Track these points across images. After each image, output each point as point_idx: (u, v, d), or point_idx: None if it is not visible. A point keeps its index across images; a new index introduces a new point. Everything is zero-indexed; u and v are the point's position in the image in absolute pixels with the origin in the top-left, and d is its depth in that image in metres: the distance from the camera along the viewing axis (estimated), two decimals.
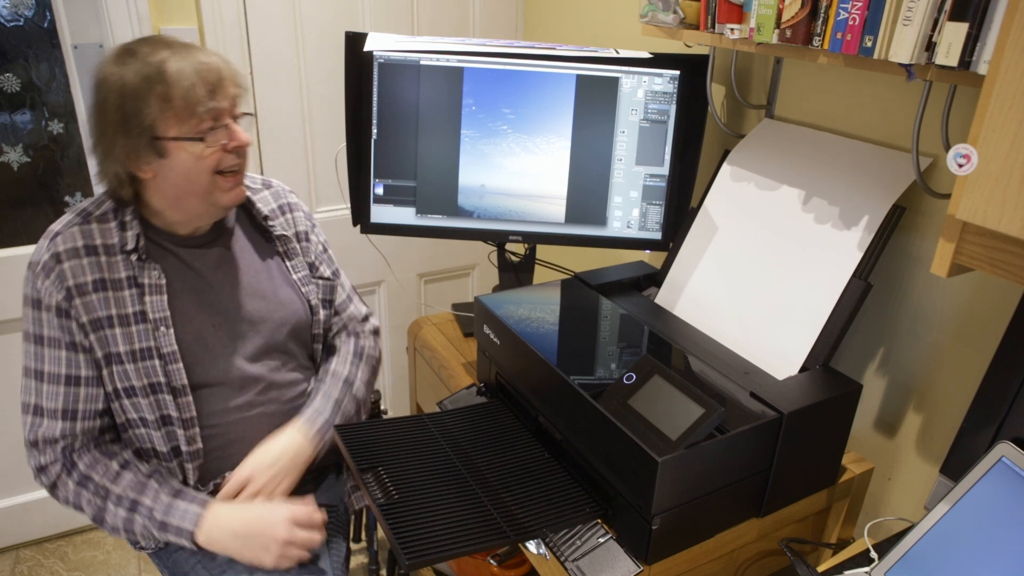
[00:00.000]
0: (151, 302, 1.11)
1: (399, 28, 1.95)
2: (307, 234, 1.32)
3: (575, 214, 1.48)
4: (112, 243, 1.09)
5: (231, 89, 1.07)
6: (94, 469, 1.10)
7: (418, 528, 0.99)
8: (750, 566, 1.13)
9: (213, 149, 1.06)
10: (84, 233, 1.08)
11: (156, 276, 1.11)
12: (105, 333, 1.09)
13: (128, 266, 1.10)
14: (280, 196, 1.30)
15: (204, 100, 1.02)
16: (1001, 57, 0.69)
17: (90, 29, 1.70)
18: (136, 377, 1.10)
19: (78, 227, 1.09)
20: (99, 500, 1.09)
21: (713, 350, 1.17)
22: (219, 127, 1.06)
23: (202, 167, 1.06)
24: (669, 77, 1.39)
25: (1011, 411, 0.94)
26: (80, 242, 1.08)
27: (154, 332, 1.10)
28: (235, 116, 1.09)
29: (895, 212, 1.10)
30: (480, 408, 1.29)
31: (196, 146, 1.04)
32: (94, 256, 1.08)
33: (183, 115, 1.02)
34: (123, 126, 1.01)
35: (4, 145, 1.77)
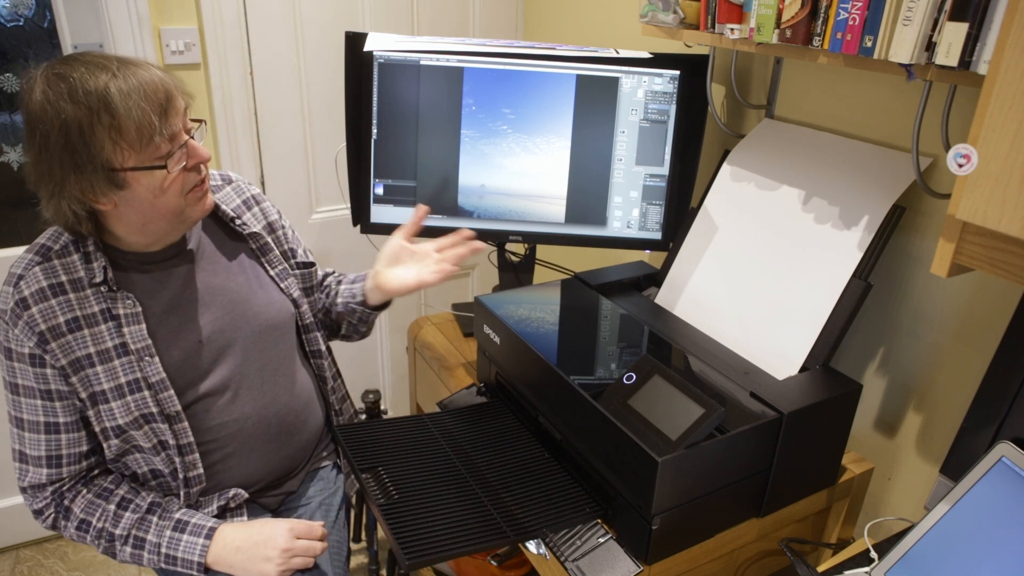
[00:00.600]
0: (130, 332, 1.05)
1: (399, 28, 1.95)
2: (278, 222, 1.26)
3: (575, 214, 1.48)
4: (78, 277, 1.03)
5: (180, 102, 1.00)
6: (91, 514, 1.08)
7: (418, 528, 0.99)
8: (750, 566, 1.13)
9: (175, 174, 0.99)
10: (47, 271, 1.02)
11: (131, 305, 1.05)
12: (87, 373, 1.04)
13: (100, 299, 1.04)
14: (242, 191, 1.23)
15: (158, 125, 0.95)
16: (1001, 57, 0.69)
17: (90, 29, 1.70)
18: (125, 413, 1.06)
19: (39, 266, 1.02)
20: (105, 542, 1.08)
21: (713, 350, 1.17)
22: (177, 149, 0.99)
23: (169, 192, 1.00)
24: (669, 77, 1.39)
25: (1011, 411, 0.95)
26: (44, 282, 1.02)
27: (139, 363, 1.05)
28: (188, 130, 1.02)
29: (895, 212, 1.10)
30: (480, 408, 1.29)
31: (158, 173, 0.98)
32: (63, 295, 1.02)
33: (138, 145, 0.94)
34: (72, 162, 0.94)
35: (4, 145, 1.77)
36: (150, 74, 0.96)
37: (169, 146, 0.98)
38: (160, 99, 0.95)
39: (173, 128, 0.98)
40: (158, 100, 0.95)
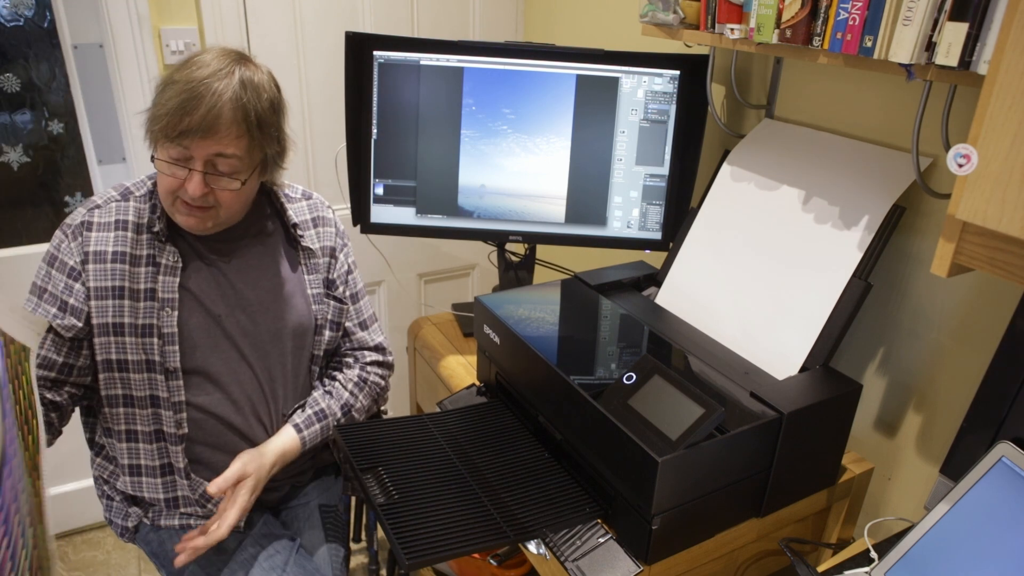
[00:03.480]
0: (163, 282, 1.14)
1: (399, 28, 1.95)
2: (334, 251, 1.31)
3: (575, 214, 1.48)
4: (143, 222, 1.15)
5: (212, 146, 1.05)
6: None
7: (418, 528, 0.99)
8: (750, 566, 1.13)
9: (164, 174, 1.08)
10: (120, 209, 1.15)
11: (174, 259, 1.15)
12: (110, 303, 1.12)
13: (152, 245, 1.14)
14: (316, 209, 1.30)
15: (170, 133, 1.04)
16: (1001, 57, 0.69)
17: (90, 29, 1.70)
18: (133, 351, 1.13)
19: (116, 203, 1.16)
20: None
21: (713, 350, 1.17)
22: (179, 162, 1.06)
23: (160, 180, 1.11)
24: (669, 77, 1.39)
25: (1011, 411, 0.94)
26: (114, 217, 1.14)
27: (159, 311, 1.14)
28: (214, 165, 1.07)
29: (895, 212, 1.10)
30: (480, 408, 1.29)
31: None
32: (123, 231, 1.14)
33: (158, 124, 1.05)
34: (150, 108, 1.09)
35: (4, 145, 1.77)
36: (217, 100, 1.03)
37: (177, 150, 1.06)
38: (191, 121, 1.02)
39: (186, 147, 1.05)
40: (187, 120, 1.03)
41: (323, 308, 1.28)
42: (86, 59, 1.72)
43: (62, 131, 1.81)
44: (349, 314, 1.33)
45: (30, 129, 1.78)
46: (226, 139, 1.05)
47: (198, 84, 1.03)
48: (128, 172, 1.82)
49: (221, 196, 1.10)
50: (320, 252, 1.29)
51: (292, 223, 1.25)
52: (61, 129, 1.81)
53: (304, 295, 1.26)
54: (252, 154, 1.10)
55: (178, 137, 1.03)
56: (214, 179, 1.08)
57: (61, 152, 1.84)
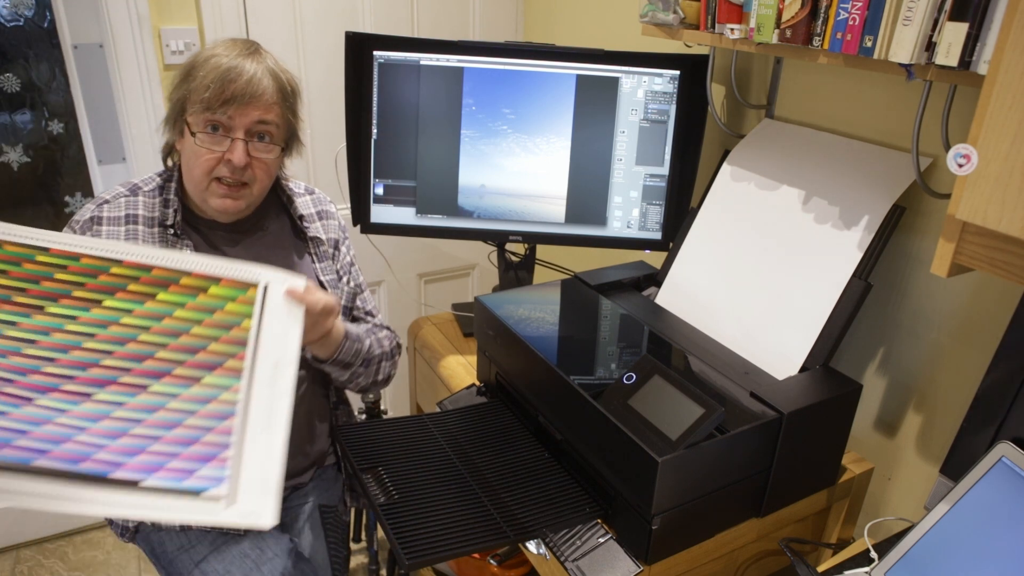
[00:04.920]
0: None
1: (399, 28, 1.95)
2: (338, 243, 1.32)
3: (575, 214, 1.48)
4: (152, 216, 1.16)
5: (254, 112, 1.09)
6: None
7: (418, 528, 0.99)
8: (750, 566, 1.13)
9: (203, 148, 1.09)
10: (129, 204, 1.16)
11: (185, 252, 1.14)
12: None
13: (163, 240, 1.16)
14: (320, 203, 1.32)
15: (211, 102, 1.06)
16: (1001, 57, 0.69)
17: (90, 29, 1.70)
18: None
19: (125, 199, 1.17)
20: None
21: (713, 350, 1.17)
22: (219, 135, 1.09)
23: (196, 162, 1.11)
24: (669, 77, 1.39)
25: (1011, 411, 0.94)
26: (123, 212, 1.16)
27: None
28: (256, 133, 1.12)
29: (895, 212, 1.10)
30: (480, 408, 1.29)
31: (191, 139, 1.09)
32: (132, 224, 1.15)
33: (196, 106, 1.08)
34: (173, 94, 1.12)
35: (4, 145, 1.77)
36: (254, 70, 1.08)
37: (212, 127, 1.09)
38: (235, 87, 1.07)
39: (227, 115, 1.08)
40: (231, 87, 1.06)
41: (337, 293, 1.29)
42: (86, 59, 1.72)
43: (62, 131, 1.82)
44: (358, 303, 1.34)
45: (30, 129, 1.78)
46: (267, 104, 1.11)
47: (233, 59, 1.08)
48: (128, 172, 1.82)
49: (258, 169, 1.13)
50: (327, 243, 1.30)
51: (299, 215, 1.26)
52: (61, 129, 1.81)
53: (318, 282, 1.27)
54: (286, 123, 1.16)
55: (223, 106, 1.07)
56: (253, 148, 1.12)
57: (61, 152, 1.84)
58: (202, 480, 0.81)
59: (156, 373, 0.86)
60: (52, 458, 0.79)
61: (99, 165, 1.82)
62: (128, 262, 0.90)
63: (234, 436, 0.84)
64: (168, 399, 0.84)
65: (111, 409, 0.83)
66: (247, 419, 0.85)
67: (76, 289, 0.87)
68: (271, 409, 0.86)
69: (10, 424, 0.79)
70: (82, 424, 0.81)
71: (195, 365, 0.87)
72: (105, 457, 0.80)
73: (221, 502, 0.80)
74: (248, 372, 0.88)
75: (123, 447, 0.81)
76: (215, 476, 0.81)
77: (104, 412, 0.82)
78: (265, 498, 0.81)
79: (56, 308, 0.86)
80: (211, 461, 0.82)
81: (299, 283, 0.96)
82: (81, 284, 0.87)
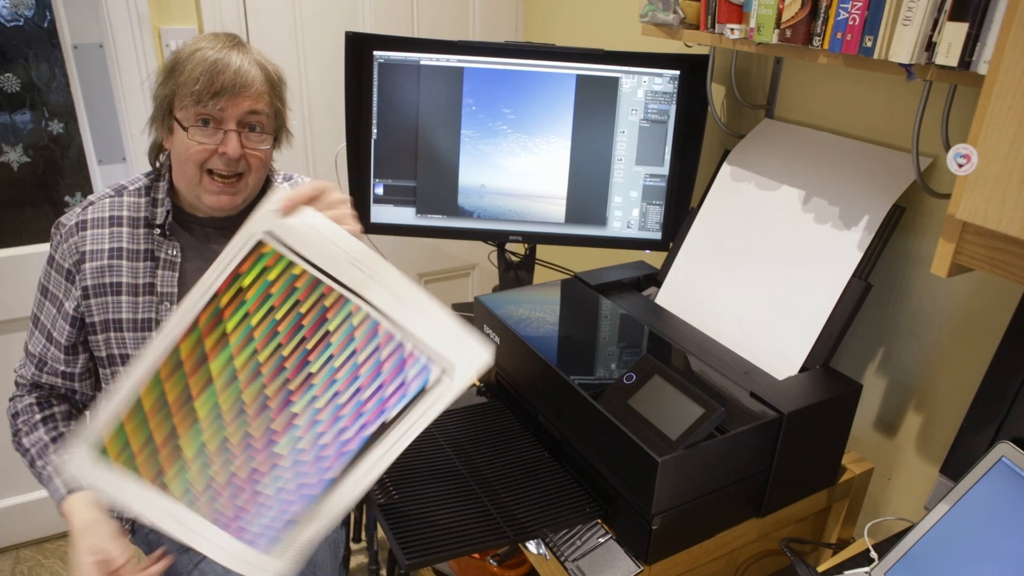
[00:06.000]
0: (162, 276, 1.15)
1: (399, 28, 1.95)
2: None
3: (575, 214, 1.48)
4: (139, 216, 1.15)
5: (245, 103, 1.08)
6: (20, 414, 1.16)
7: (418, 528, 0.99)
8: (750, 566, 1.13)
9: (195, 143, 1.08)
10: (114, 205, 1.15)
11: (173, 253, 1.15)
12: (109, 299, 1.13)
13: (149, 240, 1.15)
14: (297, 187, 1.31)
15: (201, 95, 1.06)
16: (1001, 57, 0.69)
17: (90, 29, 1.70)
18: (133, 346, 1.15)
19: (110, 199, 1.16)
20: (15, 444, 1.16)
21: (713, 350, 1.17)
22: (211, 129, 1.08)
23: (188, 156, 1.10)
24: (669, 77, 1.39)
25: (1011, 411, 0.94)
26: (108, 213, 1.15)
27: (158, 305, 1.14)
28: (246, 124, 1.11)
29: (895, 212, 1.10)
30: (480, 408, 1.29)
31: (183, 134, 1.09)
32: (118, 226, 1.14)
33: (185, 101, 1.07)
34: (157, 92, 1.11)
35: (4, 145, 1.77)
36: (240, 61, 1.08)
37: (202, 120, 1.08)
38: (223, 79, 1.06)
39: (218, 107, 1.07)
40: (220, 79, 1.06)
41: None
42: (86, 59, 1.72)
43: (62, 131, 1.81)
44: None
45: (30, 129, 1.78)
46: (256, 94, 1.10)
47: (218, 51, 1.08)
48: (128, 172, 1.82)
49: (252, 159, 1.13)
50: None
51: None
52: (61, 129, 1.81)
53: None
54: (276, 112, 1.15)
55: (213, 98, 1.06)
56: (246, 139, 1.12)
57: (61, 152, 1.84)
58: (422, 373, 0.82)
59: (305, 378, 0.86)
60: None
61: (99, 165, 1.82)
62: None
63: (397, 333, 0.83)
64: (332, 370, 0.85)
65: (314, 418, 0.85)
66: (390, 316, 0.84)
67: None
68: (397, 289, 0.83)
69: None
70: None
71: (312, 332, 0.85)
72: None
73: (444, 376, 0.82)
74: (346, 290, 0.84)
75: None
76: (422, 371, 0.83)
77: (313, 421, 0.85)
78: (468, 346, 0.82)
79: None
80: (406, 362, 0.83)
81: (278, 199, 0.90)
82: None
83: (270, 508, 0.84)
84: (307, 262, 0.86)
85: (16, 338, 1.85)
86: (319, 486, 0.83)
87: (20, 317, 1.78)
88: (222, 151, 1.09)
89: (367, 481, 0.81)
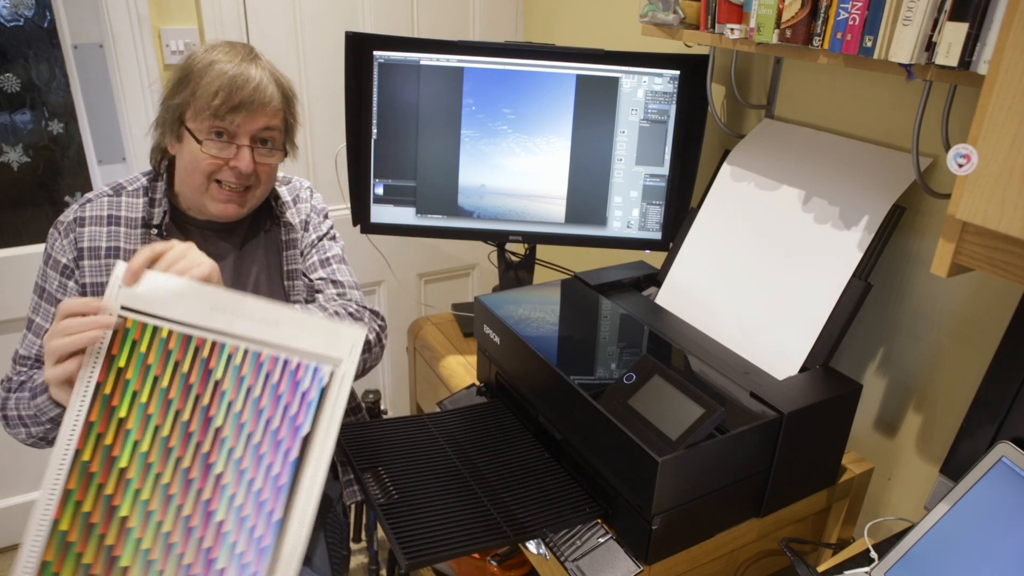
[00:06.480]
0: None
1: (399, 28, 1.95)
2: (307, 223, 1.30)
3: (575, 214, 1.48)
4: (136, 216, 1.16)
5: (261, 119, 1.10)
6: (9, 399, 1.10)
7: (418, 528, 0.99)
8: (750, 566, 1.13)
9: (207, 155, 1.09)
10: (111, 204, 1.16)
11: None
12: None
13: (147, 240, 1.15)
14: (295, 190, 1.32)
15: (219, 110, 1.07)
16: (1001, 57, 0.69)
17: (90, 29, 1.70)
18: None
19: (108, 198, 1.16)
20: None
21: (713, 350, 1.17)
22: (224, 142, 1.10)
23: (197, 166, 1.11)
24: (669, 77, 1.39)
25: (1011, 411, 0.95)
26: (106, 211, 1.15)
27: None
28: (259, 139, 1.13)
29: (895, 212, 1.10)
30: (480, 408, 1.29)
31: (195, 144, 1.09)
32: (115, 226, 1.15)
33: (199, 112, 1.08)
34: (168, 99, 1.11)
35: (4, 145, 1.77)
36: (260, 77, 1.09)
37: (216, 133, 1.09)
38: (242, 95, 1.07)
39: (235, 123, 1.09)
40: (239, 95, 1.07)
41: (301, 285, 1.27)
42: (86, 59, 1.72)
43: (62, 131, 1.81)
44: (321, 274, 1.30)
45: (30, 129, 1.78)
46: (272, 111, 1.12)
47: (236, 65, 1.08)
48: (128, 172, 1.82)
49: (262, 172, 1.14)
50: (300, 226, 1.30)
51: (275, 195, 1.26)
52: (61, 129, 1.81)
53: (279, 277, 1.25)
54: (288, 127, 1.17)
55: (231, 113, 1.07)
56: (258, 153, 1.13)
57: (61, 152, 1.84)
58: (316, 377, 0.86)
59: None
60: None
61: (99, 165, 1.82)
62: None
63: (279, 353, 0.85)
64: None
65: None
66: (266, 341, 0.85)
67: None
68: (260, 314, 0.86)
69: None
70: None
71: (204, 386, 0.85)
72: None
73: (335, 370, 0.86)
74: (217, 335, 0.85)
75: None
76: (315, 375, 0.85)
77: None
78: (342, 334, 0.86)
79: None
80: (298, 374, 0.85)
81: (118, 275, 0.87)
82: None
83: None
84: (171, 322, 0.86)
85: (16, 338, 1.86)
86: (270, 533, 0.81)
87: (20, 317, 1.78)
88: (234, 165, 1.10)
89: (313, 501, 0.81)
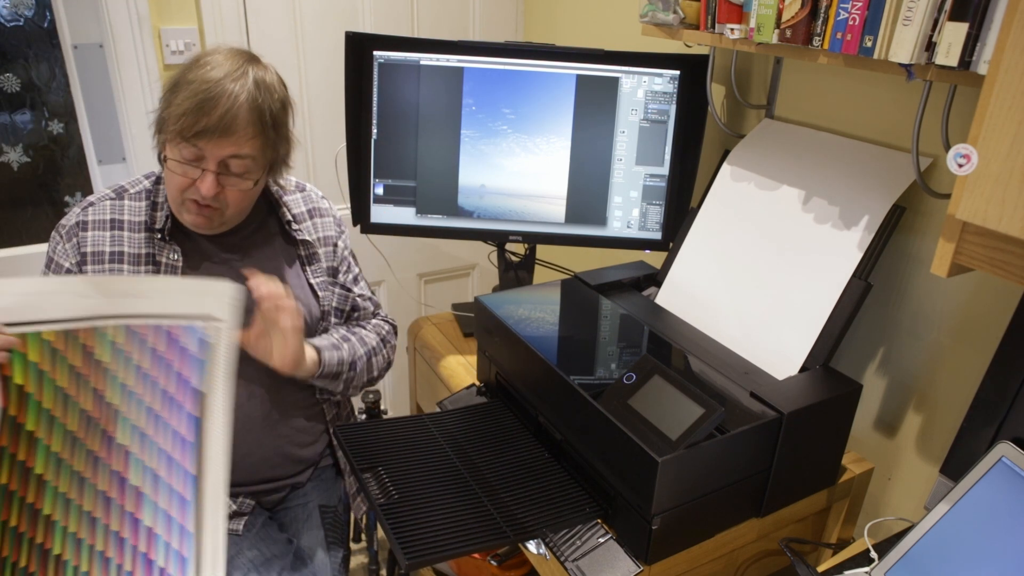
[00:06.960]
0: None
1: (399, 28, 1.95)
2: (332, 239, 1.31)
3: (575, 214, 1.48)
4: (139, 220, 1.15)
5: (227, 147, 1.05)
6: None
7: (418, 528, 0.99)
8: (750, 566, 1.13)
9: (175, 173, 1.08)
10: (114, 207, 1.15)
11: (174, 257, 1.15)
12: None
13: (150, 244, 1.14)
14: (311, 200, 1.31)
15: (184, 132, 1.03)
16: (1001, 57, 0.69)
17: (90, 29, 1.70)
18: None
19: (110, 202, 1.15)
20: None
21: (713, 350, 1.17)
22: (190, 163, 1.06)
23: (171, 181, 1.10)
24: (669, 77, 1.39)
25: (1011, 411, 0.94)
26: (108, 215, 1.14)
27: None
28: (229, 168, 1.08)
29: (895, 212, 1.10)
30: (480, 408, 1.29)
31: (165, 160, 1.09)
32: (118, 230, 1.14)
33: (170, 130, 1.05)
34: (159, 105, 1.09)
35: (4, 145, 1.77)
36: (233, 101, 1.03)
37: (190, 150, 1.05)
38: (208, 121, 1.02)
39: (201, 145, 1.04)
40: (204, 121, 1.03)
41: (328, 295, 1.28)
42: (86, 59, 1.72)
43: (62, 131, 1.81)
44: (356, 291, 1.34)
45: (30, 129, 1.78)
46: (242, 139, 1.06)
47: (214, 85, 1.03)
48: (128, 172, 1.82)
49: (231, 196, 1.11)
50: (319, 243, 1.28)
51: (287, 219, 1.25)
52: (61, 129, 1.81)
53: (304, 287, 1.26)
54: (265, 153, 1.11)
55: (194, 137, 1.03)
56: (226, 179, 1.09)
57: (61, 152, 1.84)
58: (196, 335, 0.90)
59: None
60: None
61: (99, 165, 1.82)
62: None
63: (152, 321, 0.89)
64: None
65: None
66: (138, 313, 0.88)
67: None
68: (125, 289, 0.89)
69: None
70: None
71: (91, 371, 0.88)
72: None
73: (212, 324, 0.91)
74: (91, 321, 0.87)
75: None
76: (195, 334, 0.90)
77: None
78: (211, 291, 0.92)
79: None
80: (179, 338, 0.89)
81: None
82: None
83: (160, 535, 0.85)
84: (46, 323, 0.86)
85: None
86: (188, 487, 0.84)
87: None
88: (198, 186, 1.07)
89: (223, 451, 0.84)
